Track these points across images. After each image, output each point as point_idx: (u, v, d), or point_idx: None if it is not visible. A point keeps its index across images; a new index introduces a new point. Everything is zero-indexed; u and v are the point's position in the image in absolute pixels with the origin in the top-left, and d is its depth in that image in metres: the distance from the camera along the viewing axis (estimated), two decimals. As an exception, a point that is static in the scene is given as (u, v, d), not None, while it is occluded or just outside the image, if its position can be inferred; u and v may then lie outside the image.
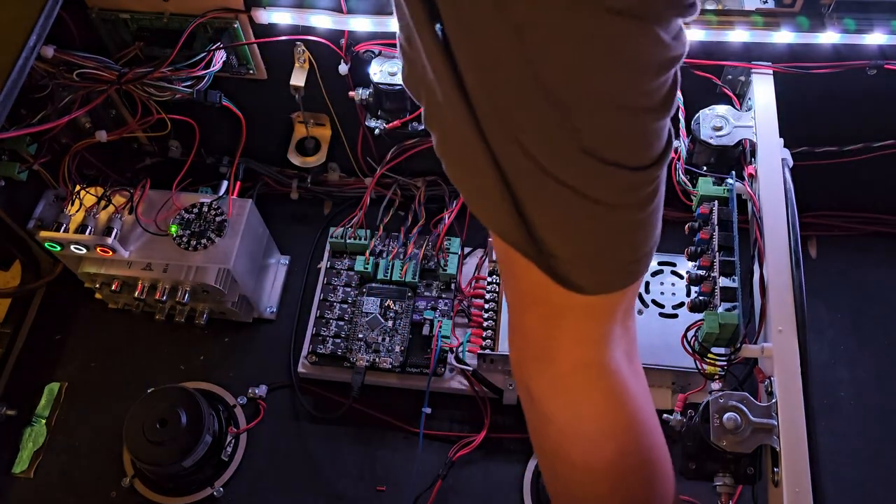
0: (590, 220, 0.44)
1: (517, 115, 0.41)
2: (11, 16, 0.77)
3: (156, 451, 0.93)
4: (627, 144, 0.43)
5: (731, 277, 0.78)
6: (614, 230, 0.46)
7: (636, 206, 0.45)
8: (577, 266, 0.46)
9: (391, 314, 1.03)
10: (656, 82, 0.42)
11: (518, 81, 0.40)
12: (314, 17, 0.93)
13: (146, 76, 0.91)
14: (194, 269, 0.99)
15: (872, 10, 0.86)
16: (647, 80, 0.41)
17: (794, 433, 0.69)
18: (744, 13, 0.88)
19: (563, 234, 0.45)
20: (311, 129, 1.12)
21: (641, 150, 0.43)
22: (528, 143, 0.41)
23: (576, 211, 0.44)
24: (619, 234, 0.46)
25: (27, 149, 0.96)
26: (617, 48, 0.40)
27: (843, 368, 1.04)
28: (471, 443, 0.99)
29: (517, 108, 0.41)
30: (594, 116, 0.41)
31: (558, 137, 0.41)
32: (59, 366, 1.09)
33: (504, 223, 0.45)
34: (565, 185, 0.42)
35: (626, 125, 0.42)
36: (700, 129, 0.88)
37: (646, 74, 0.41)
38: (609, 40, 0.39)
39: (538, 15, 0.38)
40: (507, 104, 0.41)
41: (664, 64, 0.41)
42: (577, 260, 0.46)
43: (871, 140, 0.99)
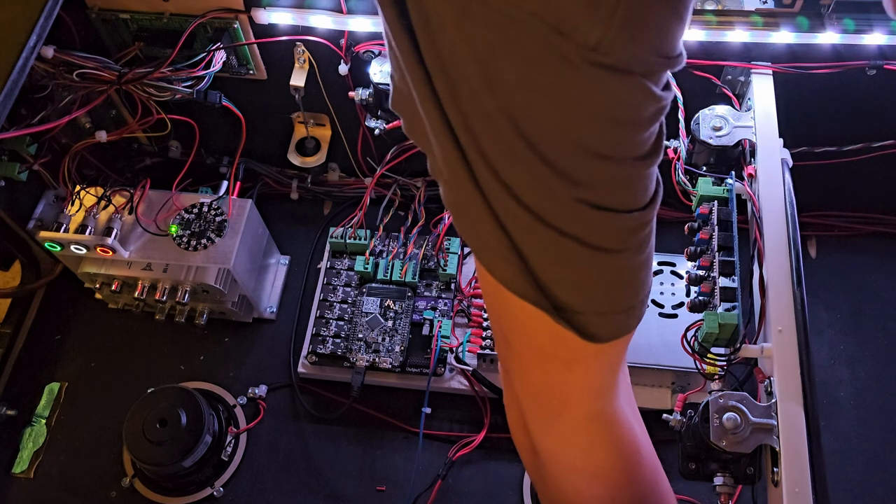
0: (595, 268, 0.44)
1: (504, 166, 0.41)
2: (11, 16, 0.77)
3: (156, 450, 0.93)
4: (620, 192, 0.43)
5: (730, 277, 0.78)
6: (619, 275, 0.46)
7: (635, 249, 0.45)
8: (588, 315, 0.46)
9: (391, 314, 1.03)
10: (646, 133, 0.41)
11: (501, 133, 0.40)
12: (314, 18, 0.93)
13: (146, 76, 0.91)
14: (194, 269, 0.99)
15: (872, 11, 0.86)
16: (637, 133, 0.41)
17: (793, 433, 0.69)
18: (743, 13, 0.88)
19: (572, 284, 0.45)
20: (311, 130, 1.12)
21: (634, 196, 0.43)
22: (521, 193, 0.41)
23: (580, 259, 0.44)
24: (623, 278, 0.46)
25: (27, 149, 0.97)
26: (604, 103, 0.39)
27: (842, 368, 1.04)
28: (471, 443, 0.99)
29: (503, 159, 0.41)
30: (583, 169, 0.41)
31: (549, 187, 0.41)
32: (59, 366, 1.09)
33: (516, 279, 0.44)
34: (565, 235, 0.42)
35: (617, 175, 0.42)
36: (700, 129, 0.88)
37: (636, 127, 0.41)
38: (596, 96, 0.39)
39: (519, 70, 0.38)
40: (494, 155, 0.41)
41: (654, 116, 0.41)
42: (589, 308, 0.46)
43: (871, 140, 0.99)
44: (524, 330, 0.49)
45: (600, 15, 0.36)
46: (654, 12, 0.37)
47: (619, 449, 0.54)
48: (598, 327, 0.47)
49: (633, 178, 0.43)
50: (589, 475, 0.54)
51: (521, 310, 0.46)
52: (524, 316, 0.46)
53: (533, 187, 0.41)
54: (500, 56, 0.38)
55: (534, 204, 0.41)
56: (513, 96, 0.39)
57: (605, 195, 0.42)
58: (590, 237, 0.43)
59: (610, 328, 0.48)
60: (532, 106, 0.39)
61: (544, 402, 0.52)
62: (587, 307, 0.46)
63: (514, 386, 0.53)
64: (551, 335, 0.47)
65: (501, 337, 0.53)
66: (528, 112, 0.39)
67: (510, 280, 0.45)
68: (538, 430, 0.53)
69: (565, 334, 0.46)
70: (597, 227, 0.43)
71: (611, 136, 0.41)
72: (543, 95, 0.38)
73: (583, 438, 0.53)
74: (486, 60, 0.38)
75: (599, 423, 0.52)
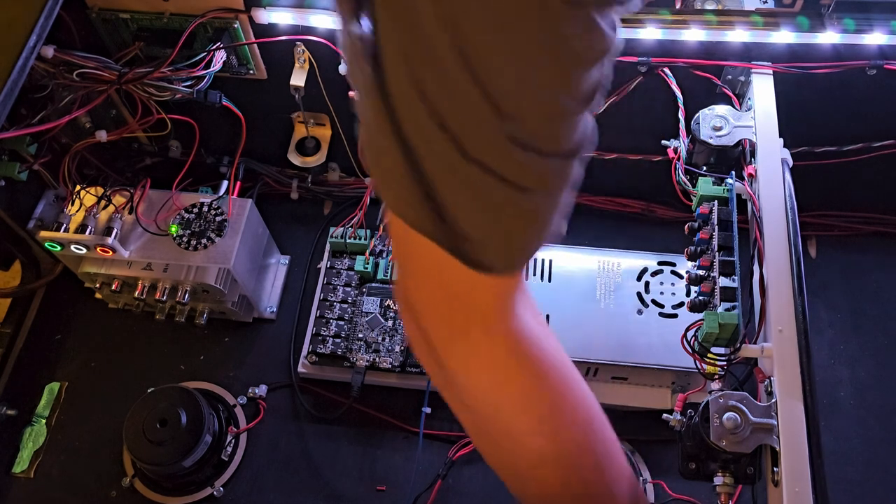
0: (506, 203, 0.46)
1: (441, 99, 0.41)
2: (11, 16, 0.77)
3: (156, 450, 0.93)
4: (551, 134, 0.44)
5: (730, 277, 0.78)
6: (527, 213, 0.47)
7: (548, 193, 0.47)
8: (488, 248, 0.47)
9: (391, 314, 1.03)
10: (591, 76, 0.42)
11: (446, 66, 0.40)
12: (314, 17, 0.93)
13: (146, 76, 0.91)
14: (194, 269, 0.99)
15: (872, 10, 0.86)
16: (583, 73, 0.42)
17: (793, 433, 0.69)
18: (744, 13, 0.88)
19: (479, 217, 0.46)
20: (312, 129, 1.12)
21: (563, 139, 0.45)
22: (454, 126, 0.42)
23: (494, 195, 0.45)
24: (530, 216, 0.48)
25: (27, 149, 0.97)
26: (562, 39, 0.40)
27: (842, 368, 1.04)
28: (471, 442, 0.99)
29: (442, 91, 0.41)
30: (522, 103, 0.42)
31: (486, 124, 0.42)
32: (59, 366, 1.09)
33: (412, 207, 0.46)
34: (488, 170, 0.43)
35: (553, 113, 0.43)
36: (700, 129, 0.88)
37: (584, 67, 0.42)
38: (559, 35, 0.39)
39: (483, 10, 0.38)
40: (432, 88, 0.41)
41: (600, 57, 0.42)
42: (490, 242, 0.47)
43: (871, 140, 0.99)
44: (414, 254, 0.50)
45: None
46: None
47: (531, 361, 0.55)
48: (496, 260, 0.48)
49: (567, 120, 0.44)
50: (504, 393, 0.55)
51: (413, 235, 0.47)
52: (415, 241, 0.47)
53: (466, 116, 0.42)
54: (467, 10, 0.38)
55: (462, 134, 0.42)
56: (470, 36, 0.39)
57: (536, 136, 0.43)
58: (510, 174, 0.44)
59: (508, 262, 0.49)
60: (489, 44, 0.39)
61: (447, 321, 0.53)
62: (489, 241, 0.47)
63: (415, 312, 0.55)
64: (446, 264, 0.48)
65: (401, 263, 0.54)
66: (483, 49, 0.40)
67: (407, 209, 0.46)
68: (446, 354, 0.54)
69: (462, 266, 0.48)
70: (519, 166, 0.44)
71: (559, 74, 0.41)
72: (503, 34, 0.39)
73: (492, 354, 0.54)
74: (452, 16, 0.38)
75: (508, 338, 0.54)
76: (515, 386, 0.55)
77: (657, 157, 1.01)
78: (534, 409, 0.55)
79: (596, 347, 0.94)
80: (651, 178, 1.04)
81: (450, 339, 0.53)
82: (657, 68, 0.94)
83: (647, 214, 1.12)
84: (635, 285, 0.98)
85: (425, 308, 0.53)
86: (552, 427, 0.56)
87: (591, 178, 0.67)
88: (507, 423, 0.56)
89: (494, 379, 0.54)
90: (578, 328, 0.95)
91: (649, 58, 0.93)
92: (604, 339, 0.95)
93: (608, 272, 0.99)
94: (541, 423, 0.56)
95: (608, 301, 0.97)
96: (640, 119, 1.00)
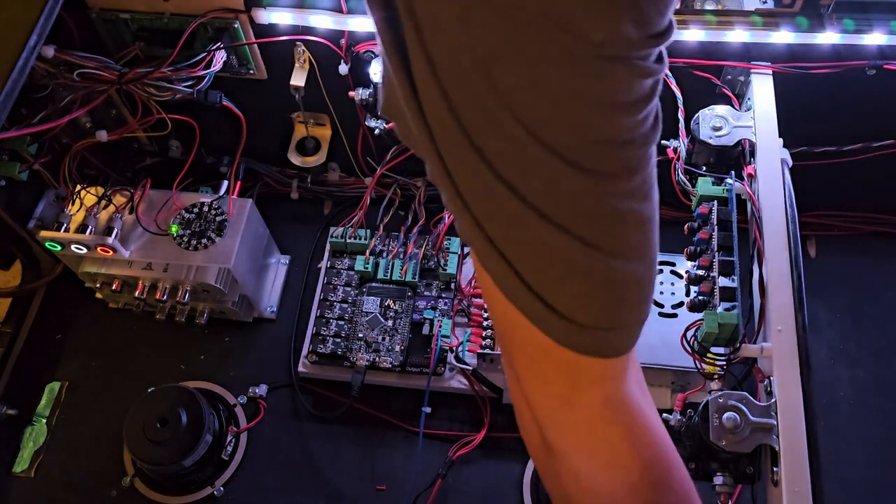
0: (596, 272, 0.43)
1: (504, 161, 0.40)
2: (12, 16, 0.77)
3: (156, 450, 0.93)
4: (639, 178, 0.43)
5: (730, 277, 0.78)
6: (619, 282, 0.45)
7: (636, 252, 0.45)
8: (595, 334, 0.45)
9: (391, 314, 1.03)
10: (646, 110, 0.41)
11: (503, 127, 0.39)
12: (314, 17, 0.93)
13: (147, 76, 0.91)
14: (195, 269, 0.99)
15: (872, 10, 0.86)
16: (637, 113, 0.41)
17: (793, 433, 0.69)
18: (743, 13, 0.88)
19: (576, 294, 0.44)
20: (312, 129, 1.12)
21: (636, 185, 0.43)
22: (523, 188, 0.40)
23: (584, 266, 0.43)
24: (622, 284, 0.45)
25: (28, 149, 0.97)
26: (610, 91, 0.39)
27: (842, 368, 1.04)
28: (471, 442, 0.99)
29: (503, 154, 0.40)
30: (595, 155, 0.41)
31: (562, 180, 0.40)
32: (59, 365, 1.09)
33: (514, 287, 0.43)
34: (565, 231, 0.41)
35: (631, 156, 0.42)
36: (699, 129, 0.88)
37: (636, 108, 0.41)
38: (603, 86, 0.39)
39: (522, 70, 0.38)
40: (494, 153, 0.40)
41: (652, 90, 0.41)
42: (594, 324, 0.45)
43: (871, 140, 0.99)
44: (523, 332, 0.47)
45: (604, 13, 0.36)
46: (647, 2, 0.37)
47: (633, 433, 0.53)
48: (620, 344, 0.46)
49: (634, 164, 0.42)
50: (605, 463, 0.53)
51: (518, 316, 0.45)
52: (521, 322, 0.45)
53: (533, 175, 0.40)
54: (502, 59, 0.38)
55: (536, 197, 0.40)
56: (516, 95, 0.38)
57: (625, 183, 0.42)
58: (590, 233, 0.42)
59: (617, 344, 0.47)
60: (537, 103, 0.39)
61: (553, 394, 0.51)
62: (590, 321, 0.45)
63: (519, 380, 0.53)
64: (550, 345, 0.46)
65: (501, 336, 0.52)
66: (532, 109, 0.39)
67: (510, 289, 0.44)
68: (549, 424, 0.52)
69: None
70: (598, 220, 0.42)
71: (617, 121, 0.40)
72: (548, 92, 0.38)
73: (597, 426, 0.52)
74: (486, 64, 0.38)
75: (612, 409, 0.51)
76: (619, 454, 0.52)
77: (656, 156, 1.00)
78: (635, 481, 0.53)
79: (596, 347, 0.94)
80: (651, 177, 1.04)
81: (556, 409, 0.51)
82: (657, 68, 0.94)
83: (647, 214, 1.12)
84: (635, 285, 0.98)
85: (528, 376, 0.51)
86: (653, 475, 0.54)
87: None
88: (601, 492, 0.53)
89: (598, 446, 0.52)
90: (578, 328, 0.95)
91: (649, 58, 0.93)
92: (603, 339, 0.95)
93: (608, 272, 0.99)
94: (644, 470, 0.53)
95: (608, 301, 0.97)
96: (640, 119, 1.00)
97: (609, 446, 0.52)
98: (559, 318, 0.44)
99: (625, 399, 0.52)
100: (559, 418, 0.52)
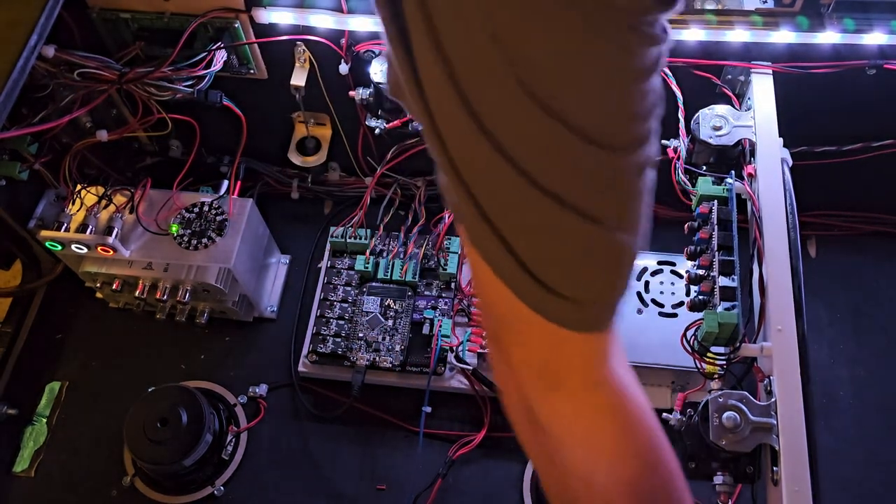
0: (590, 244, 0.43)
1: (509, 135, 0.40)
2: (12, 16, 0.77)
3: (156, 449, 0.93)
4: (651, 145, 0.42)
5: (730, 277, 0.78)
6: (611, 253, 0.45)
7: (628, 224, 0.45)
8: (582, 305, 0.45)
9: (391, 313, 1.03)
10: (651, 84, 0.41)
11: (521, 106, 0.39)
12: (314, 17, 0.93)
13: (147, 76, 0.91)
14: (195, 269, 0.99)
15: (872, 10, 0.86)
16: (648, 83, 0.41)
17: (793, 432, 0.69)
18: (743, 13, 0.88)
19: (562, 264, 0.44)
20: (312, 129, 1.12)
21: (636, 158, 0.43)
22: (523, 159, 0.40)
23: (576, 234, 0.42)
24: (614, 256, 0.45)
25: (28, 148, 0.97)
26: (638, 64, 0.39)
27: (842, 368, 1.04)
28: (471, 441, 0.99)
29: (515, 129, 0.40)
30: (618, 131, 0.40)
31: (562, 150, 0.40)
32: (59, 365, 1.09)
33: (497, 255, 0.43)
34: (566, 205, 0.41)
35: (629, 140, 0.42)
36: (700, 128, 0.88)
37: (647, 77, 0.40)
38: (635, 58, 0.39)
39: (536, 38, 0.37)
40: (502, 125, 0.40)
41: (657, 61, 0.41)
42: (580, 296, 0.45)
43: (871, 140, 0.99)
44: (510, 307, 0.47)
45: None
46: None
47: (623, 416, 0.53)
48: (602, 318, 0.46)
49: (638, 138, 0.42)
50: (596, 445, 0.54)
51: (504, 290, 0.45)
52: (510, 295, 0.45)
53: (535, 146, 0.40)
54: (515, 26, 0.37)
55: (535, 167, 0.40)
56: (529, 64, 0.38)
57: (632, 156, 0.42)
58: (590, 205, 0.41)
59: (601, 317, 0.47)
60: (551, 72, 0.38)
61: (543, 374, 0.51)
62: (579, 295, 0.45)
63: (508, 360, 0.53)
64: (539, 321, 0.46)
65: (485, 302, 0.52)
66: (545, 78, 0.38)
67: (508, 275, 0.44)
68: (540, 404, 0.52)
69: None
70: (599, 194, 0.42)
71: (630, 91, 0.40)
72: (565, 62, 0.38)
73: (588, 406, 0.52)
74: (497, 32, 0.37)
75: (603, 390, 0.52)
76: (609, 439, 0.53)
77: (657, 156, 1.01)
78: (626, 465, 0.53)
79: (596, 347, 0.94)
80: (651, 177, 1.04)
81: (544, 389, 0.51)
82: (657, 68, 0.94)
83: (647, 214, 1.12)
84: (635, 285, 0.98)
85: (518, 356, 0.51)
86: (641, 484, 0.54)
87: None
88: (593, 476, 0.54)
89: (588, 432, 0.52)
90: (578, 328, 0.95)
91: (649, 58, 0.93)
92: (604, 339, 0.95)
93: (608, 272, 0.99)
94: (630, 482, 0.53)
95: (608, 300, 0.97)
96: (640, 119, 1.00)
97: (599, 428, 0.53)
98: (548, 293, 0.44)
99: (614, 381, 0.52)
100: (548, 400, 0.52)
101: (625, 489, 0.54)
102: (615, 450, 0.53)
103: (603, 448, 0.53)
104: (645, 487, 0.54)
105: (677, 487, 0.56)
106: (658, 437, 0.55)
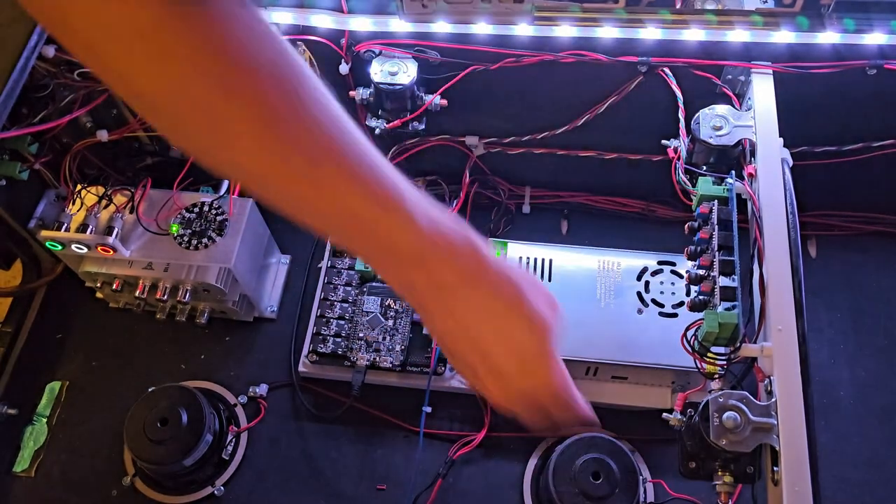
0: None
1: None
2: (13, 15, 0.77)
3: (156, 449, 0.93)
4: None
5: (730, 277, 0.78)
6: None
7: None
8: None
9: (392, 313, 1.03)
10: None
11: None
12: (314, 17, 0.93)
13: (147, 76, 0.91)
14: (195, 269, 0.99)
15: (872, 10, 0.86)
16: None
17: (793, 432, 0.69)
18: (743, 13, 0.88)
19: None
20: (312, 129, 1.12)
21: None
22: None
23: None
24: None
25: (28, 148, 0.97)
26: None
27: (842, 368, 1.04)
28: (471, 441, 0.99)
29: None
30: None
31: None
32: (59, 365, 1.09)
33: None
34: None
35: None
36: (700, 128, 0.88)
37: None
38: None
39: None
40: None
41: None
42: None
43: (871, 140, 0.99)
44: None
45: None
46: None
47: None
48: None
49: None
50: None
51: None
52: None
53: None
54: None
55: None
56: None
57: None
58: None
59: None
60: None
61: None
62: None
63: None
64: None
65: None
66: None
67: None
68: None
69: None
70: None
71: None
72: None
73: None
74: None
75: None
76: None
77: (657, 156, 1.01)
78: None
79: (596, 347, 0.94)
80: (651, 177, 1.04)
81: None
82: (657, 68, 0.94)
83: (647, 214, 1.12)
84: (635, 285, 0.98)
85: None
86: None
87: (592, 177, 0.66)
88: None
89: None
90: (579, 327, 0.95)
91: (649, 58, 0.93)
92: (604, 339, 0.95)
93: (608, 272, 0.99)
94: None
95: (608, 300, 0.97)
96: (640, 119, 1.00)
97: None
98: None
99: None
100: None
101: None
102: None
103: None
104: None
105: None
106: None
